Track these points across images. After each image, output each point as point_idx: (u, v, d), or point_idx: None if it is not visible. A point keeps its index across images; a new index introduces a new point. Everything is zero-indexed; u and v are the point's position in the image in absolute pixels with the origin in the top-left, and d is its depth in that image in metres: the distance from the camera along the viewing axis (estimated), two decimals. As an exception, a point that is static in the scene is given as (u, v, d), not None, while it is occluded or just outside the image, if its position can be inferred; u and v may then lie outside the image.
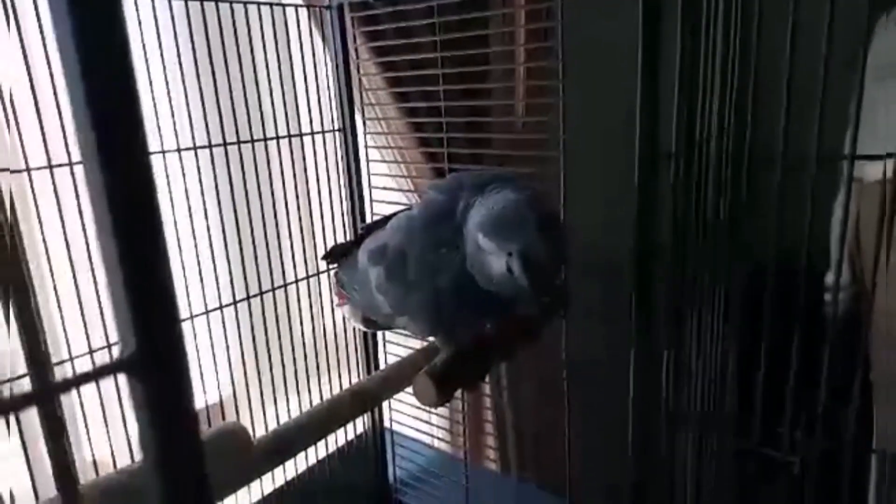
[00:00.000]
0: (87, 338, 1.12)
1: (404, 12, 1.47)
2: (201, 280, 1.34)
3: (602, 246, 1.33)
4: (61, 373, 1.09)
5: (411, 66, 1.49)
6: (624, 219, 1.09)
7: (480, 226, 0.90)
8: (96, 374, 0.28)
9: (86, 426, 1.17)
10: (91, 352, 1.13)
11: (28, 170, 1.03)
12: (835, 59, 0.75)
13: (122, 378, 0.29)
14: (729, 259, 1.06)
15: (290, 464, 1.62)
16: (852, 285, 1.29)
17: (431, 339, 1.22)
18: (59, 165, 1.06)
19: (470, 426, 1.80)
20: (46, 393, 0.25)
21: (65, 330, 1.07)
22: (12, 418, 0.88)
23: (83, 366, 1.13)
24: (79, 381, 0.27)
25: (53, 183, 1.06)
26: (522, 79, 1.47)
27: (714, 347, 1.20)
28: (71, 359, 1.11)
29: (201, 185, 1.31)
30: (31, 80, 1.02)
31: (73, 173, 1.07)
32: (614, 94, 1.01)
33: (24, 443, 0.92)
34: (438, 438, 1.91)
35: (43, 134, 1.04)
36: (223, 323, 1.40)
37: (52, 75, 1.02)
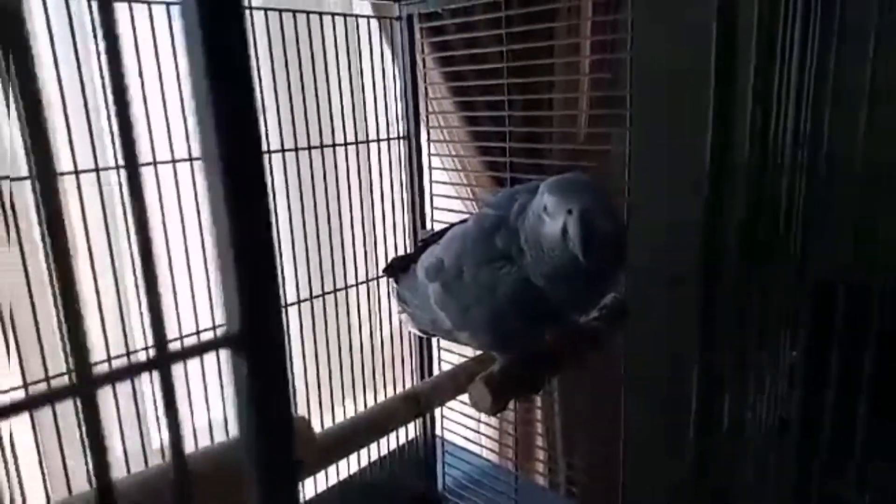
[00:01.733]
0: (196, 323, 1.26)
1: (471, 24, 1.49)
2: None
3: (667, 258, 1.31)
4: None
5: (476, 77, 1.51)
6: (690, 231, 1.07)
7: (547, 186, 0.94)
8: (205, 348, 0.30)
9: (156, 414, 1.24)
10: (198, 332, 1.30)
11: (155, 163, 1.17)
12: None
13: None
14: (799, 276, 1.02)
15: (342, 465, 1.66)
16: None
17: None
18: (181, 160, 1.21)
19: (520, 439, 1.79)
20: (163, 361, 0.27)
21: (178, 314, 1.22)
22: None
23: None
24: (190, 352, 0.29)
25: (175, 177, 1.21)
26: (587, 90, 1.47)
27: (781, 370, 1.16)
28: (181, 337, 1.25)
29: (273, 188, 1.37)
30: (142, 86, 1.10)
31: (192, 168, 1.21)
32: (684, 105, 1.00)
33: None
34: (488, 449, 1.90)
35: (169, 133, 1.18)
36: (287, 323, 1.45)
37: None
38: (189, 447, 1.19)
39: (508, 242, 1.00)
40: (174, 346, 0.29)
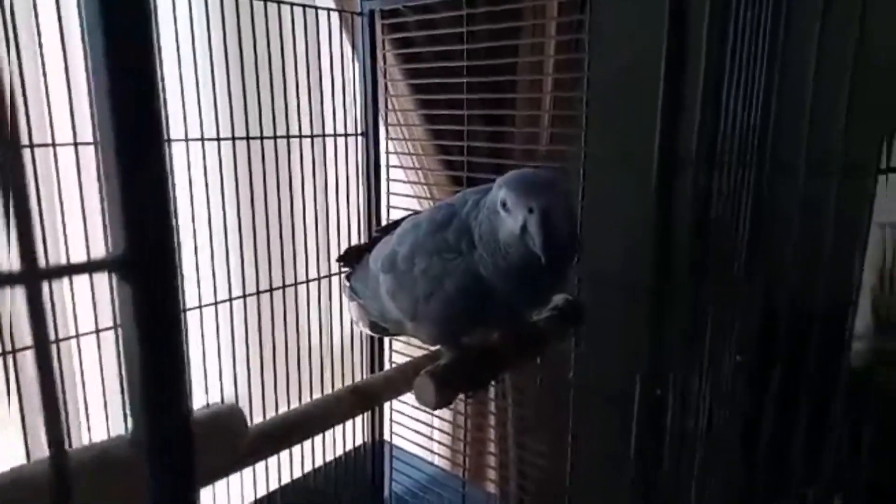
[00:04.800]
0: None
1: (433, 21, 1.49)
2: (213, 271, 1.34)
3: (618, 262, 1.32)
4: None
5: (437, 75, 1.51)
6: (642, 234, 1.08)
7: (505, 182, 0.91)
8: (82, 269, 0.27)
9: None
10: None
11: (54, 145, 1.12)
12: (862, 69, 0.74)
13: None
14: (745, 280, 1.03)
15: (285, 468, 1.60)
16: (875, 336, 1.22)
17: (438, 346, 1.21)
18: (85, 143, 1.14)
19: (470, 445, 1.77)
20: (31, 276, 0.24)
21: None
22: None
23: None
24: (63, 271, 0.26)
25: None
26: (550, 91, 1.48)
27: (725, 376, 1.17)
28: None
29: (222, 177, 1.33)
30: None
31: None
32: (637, 105, 1.01)
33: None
34: (438, 455, 1.87)
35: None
36: (231, 317, 1.40)
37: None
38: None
39: (459, 236, 0.99)
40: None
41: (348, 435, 1.77)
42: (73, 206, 1.15)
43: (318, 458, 1.67)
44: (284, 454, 1.54)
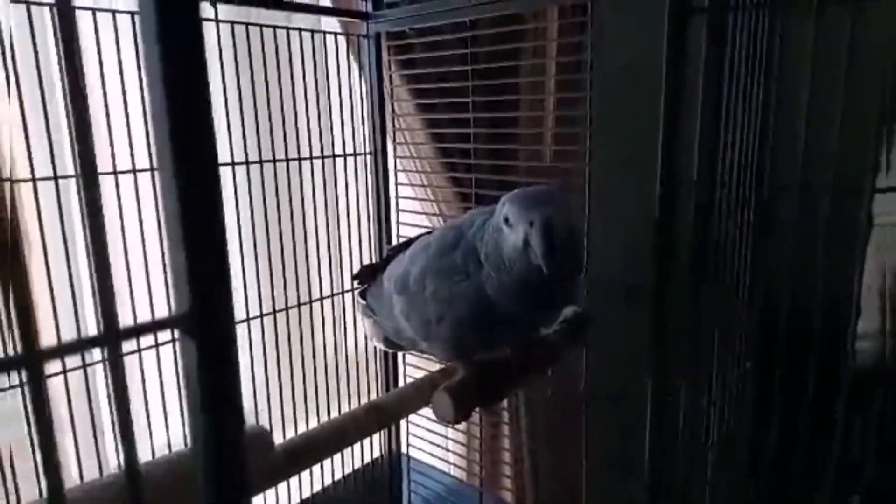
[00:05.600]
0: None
1: (438, 42, 1.53)
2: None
3: (624, 272, 1.34)
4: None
5: (442, 94, 1.54)
6: (646, 246, 1.10)
7: (508, 199, 0.94)
8: (153, 327, 0.31)
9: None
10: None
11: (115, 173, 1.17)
12: (857, 87, 0.76)
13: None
14: (747, 292, 1.06)
15: (305, 482, 1.63)
16: (879, 336, 1.23)
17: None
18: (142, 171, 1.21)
19: (486, 455, 1.79)
20: (111, 337, 0.28)
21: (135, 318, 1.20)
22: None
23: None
24: (139, 330, 0.30)
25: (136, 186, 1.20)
26: (551, 110, 1.51)
27: (732, 383, 1.19)
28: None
29: (237, 200, 1.36)
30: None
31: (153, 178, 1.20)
32: (639, 124, 1.04)
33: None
34: (455, 465, 1.90)
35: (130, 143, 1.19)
36: (249, 336, 1.43)
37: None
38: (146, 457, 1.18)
39: (466, 257, 1.02)
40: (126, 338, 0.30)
41: (366, 448, 1.80)
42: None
43: (336, 472, 1.70)
44: (303, 468, 1.57)
